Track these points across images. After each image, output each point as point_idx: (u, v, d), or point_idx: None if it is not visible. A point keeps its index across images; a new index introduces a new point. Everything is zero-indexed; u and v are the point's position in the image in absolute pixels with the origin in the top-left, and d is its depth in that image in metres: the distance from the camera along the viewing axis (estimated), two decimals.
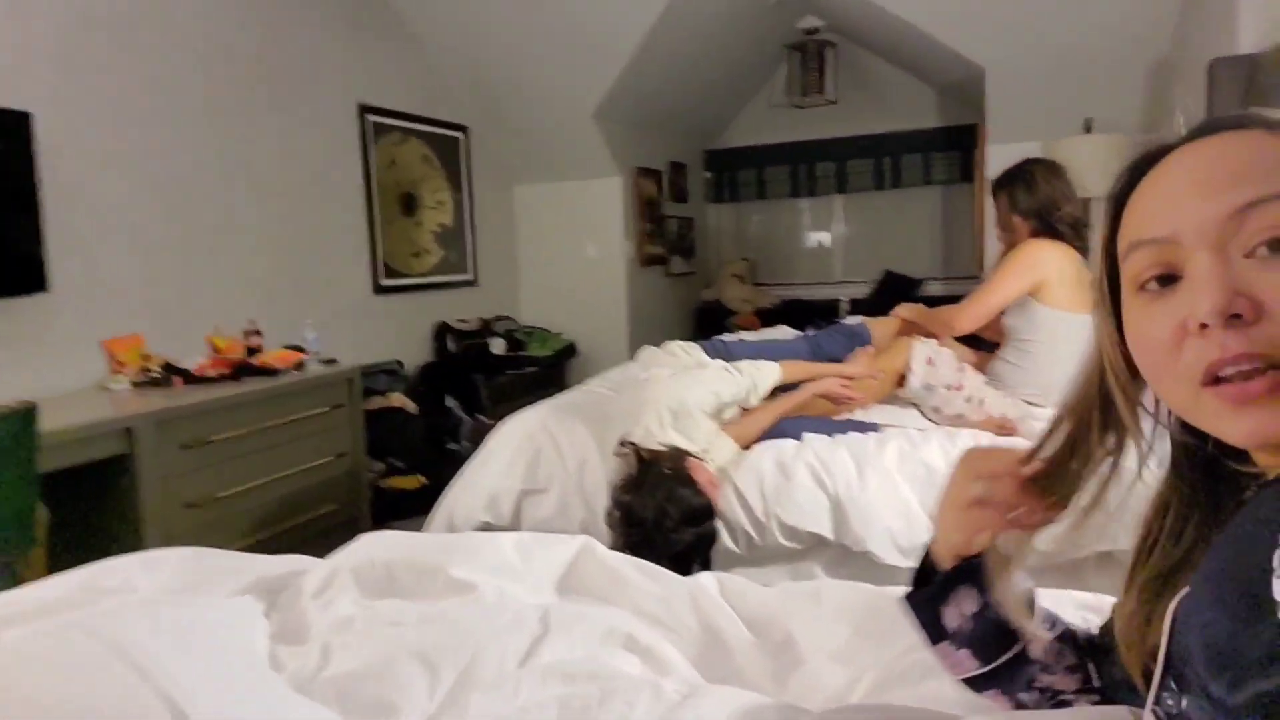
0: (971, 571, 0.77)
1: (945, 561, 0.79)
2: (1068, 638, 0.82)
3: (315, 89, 4.02)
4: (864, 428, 2.39)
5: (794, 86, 5.79)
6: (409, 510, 3.55)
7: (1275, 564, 0.52)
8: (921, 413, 2.59)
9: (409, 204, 4.66)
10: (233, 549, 2.75)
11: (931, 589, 0.79)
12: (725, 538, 2.21)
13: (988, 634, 0.77)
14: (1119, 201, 0.66)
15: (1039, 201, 2.52)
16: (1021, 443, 2.21)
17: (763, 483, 2.22)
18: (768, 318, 5.80)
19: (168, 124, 3.33)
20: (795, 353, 2.82)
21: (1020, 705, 0.79)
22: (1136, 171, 0.65)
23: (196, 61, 3.44)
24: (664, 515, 1.99)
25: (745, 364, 2.44)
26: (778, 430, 2.37)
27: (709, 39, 5.07)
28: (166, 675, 0.75)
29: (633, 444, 2.18)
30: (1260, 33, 3.00)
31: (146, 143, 3.25)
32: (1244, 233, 0.56)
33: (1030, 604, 0.79)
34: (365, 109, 4.30)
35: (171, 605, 1.01)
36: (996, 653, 0.77)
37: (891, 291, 5.87)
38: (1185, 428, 0.66)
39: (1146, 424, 0.70)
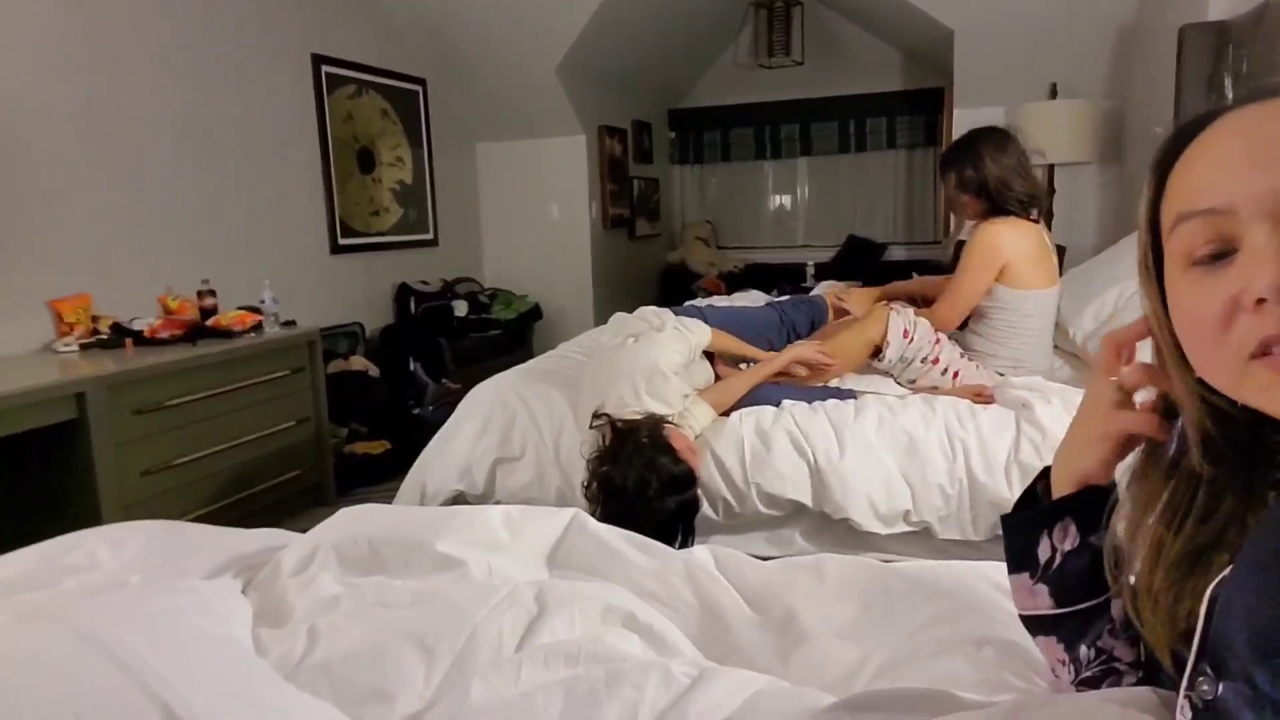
0: (1083, 505, 0.74)
1: (1063, 485, 0.75)
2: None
3: (266, 38, 3.84)
4: (842, 395, 2.38)
5: (760, 46, 5.71)
6: (375, 476, 3.48)
7: None
8: (896, 381, 2.60)
9: (367, 160, 4.51)
10: (193, 517, 2.70)
11: (1035, 512, 0.76)
12: (705, 505, 2.20)
13: (1075, 576, 0.74)
14: (1163, 170, 0.63)
15: (986, 181, 2.50)
16: (998, 409, 2.18)
17: (743, 450, 2.20)
18: (732, 282, 5.78)
19: (113, 77, 3.16)
20: (766, 320, 2.79)
21: (1074, 659, 0.77)
22: (1182, 138, 0.62)
23: (142, 13, 3.26)
24: (644, 484, 1.96)
25: (685, 319, 2.40)
26: (757, 396, 2.35)
27: None
28: (152, 671, 0.70)
29: (607, 415, 2.14)
30: (1230, 0, 3.01)
31: (91, 96, 3.08)
32: None
33: None
34: (319, 59, 4.13)
35: (149, 591, 0.96)
36: (1076, 598, 0.74)
37: (855, 256, 5.88)
38: (1219, 404, 0.64)
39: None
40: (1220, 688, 0.61)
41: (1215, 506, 0.66)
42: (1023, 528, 0.77)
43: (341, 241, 4.33)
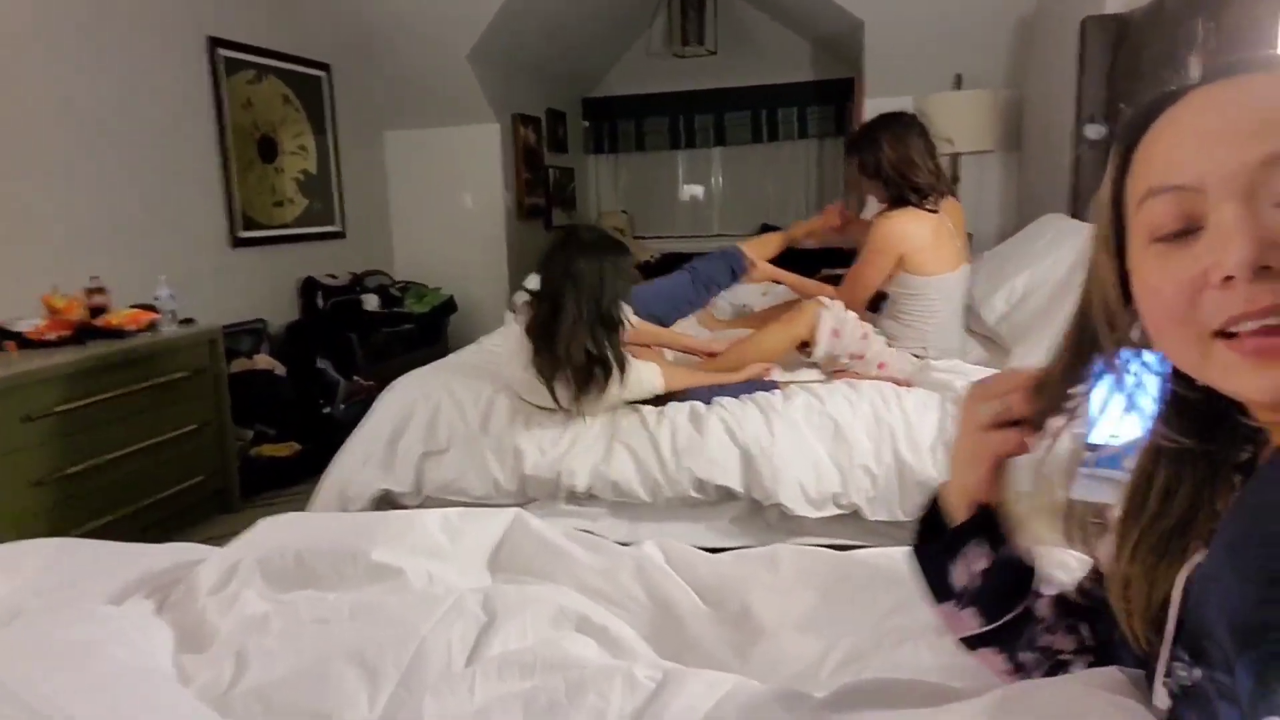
0: (984, 525, 0.74)
1: (958, 510, 0.76)
2: (1060, 596, 0.80)
3: (158, 19, 3.60)
4: (767, 387, 2.39)
5: (673, 35, 5.70)
6: (284, 480, 3.32)
7: None
8: (821, 370, 2.62)
9: (268, 149, 4.30)
10: (89, 529, 2.52)
11: (942, 544, 0.76)
12: (636, 486, 2.19)
13: (995, 591, 0.75)
14: (1128, 145, 0.62)
15: (882, 166, 2.58)
16: (922, 391, 2.20)
17: (675, 435, 2.21)
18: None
19: None
20: (679, 287, 2.78)
21: (1018, 665, 0.77)
22: (1149, 114, 0.61)
23: None
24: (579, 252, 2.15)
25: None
26: (690, 395, 2.37)
27: None
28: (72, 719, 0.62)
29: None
30: None
31: None
32: (1274, 182, 0.52)
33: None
34: (215, 42, 3.91)
35: (55, 623, 0.86)
36: (1001, 611, 0.75)
37: None
38: (1179, 384, 0.63)
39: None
40: (1196, 673, 0.61)
41: (1176, 488, 0.66)
42: (932, 560, 0.78)
43: (242, 234, 4.11)
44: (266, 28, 4.23)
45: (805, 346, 2.54)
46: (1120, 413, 0.71)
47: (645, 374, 2.30)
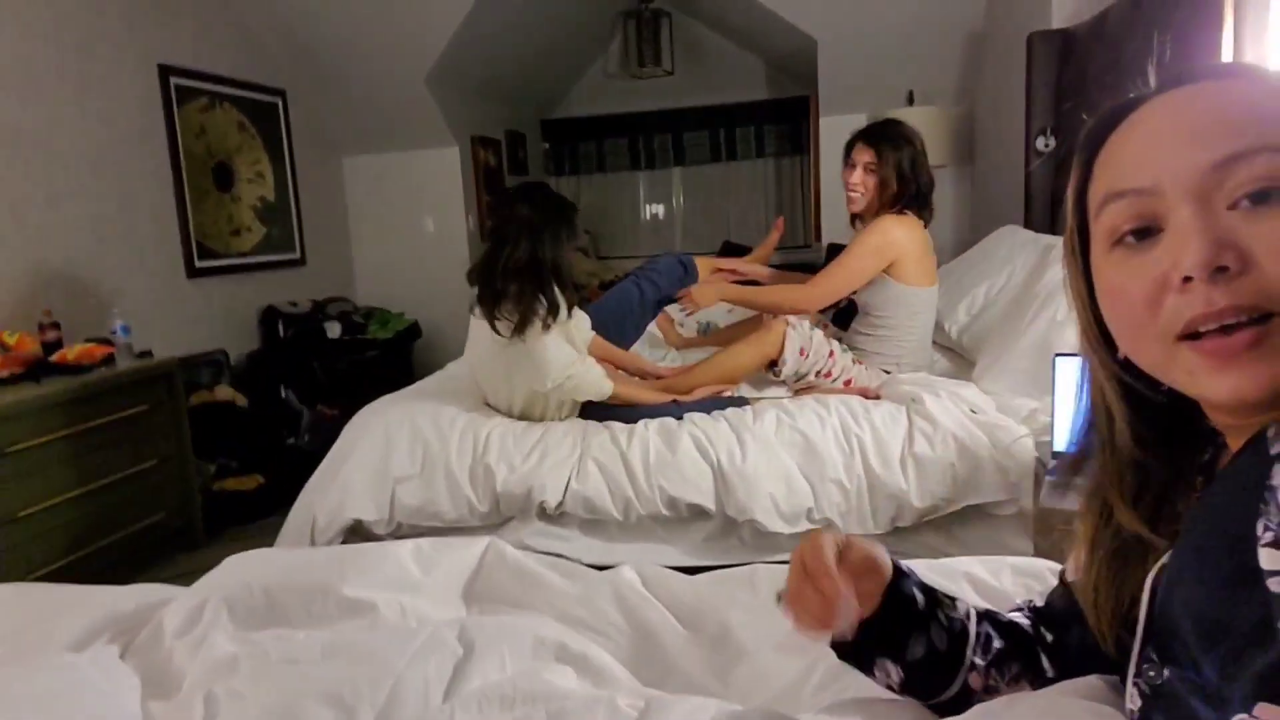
0: (880, 641, 0.77)
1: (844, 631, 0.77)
2: (1006, 628, 0.81)
3: (107, 48, 3.55)
4: (738, 403, 2.40)
5: (630, 56, 5.73)
6: (249, 514, 3.26)
7: (1260, 532, 0.51)
8: (788, 386, 2.64)
9: (224, 177, 4.24)
10: (45, 573, 2.45)
11: (853, 662, 0.80)
12: (608, 503, 2.20)
13: (923, 682, 0.77)
14: (1090, 152, 0.64)
15: (905, 166, 2.50)
16: (889, 405, 2.20)
17: (648, 452, 2.21)
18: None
19: None
20: (624, 301, 2.76)
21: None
22: (1110, 121, 0.62)
23: None
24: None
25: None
26: (658, 410, 2.39)
27: (544, 2, 4.91)
28: None
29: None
30: (1071, 8, 3.22)
31: None
32: (1228, 185, 0.54)
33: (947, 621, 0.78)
34: (166, 70, 3.85)
35: (17, 674, 0.83)
36: (937, 691, 0.78)
37: None
38: (1138, 388, 0.65)
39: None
40: (1166, 673, 0.62)
41: (1142, 494, 0.67)
42: (854, 666, 0.81)
43: (199, 264, 4.04)
44: (219, 55, 4.19)
45: (773, 365, 2.55)
46: (1084, 420, 0.73)
47: (596, 372, 2.34)
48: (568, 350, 2.33)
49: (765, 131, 6.21)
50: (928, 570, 1.07)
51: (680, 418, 2.32)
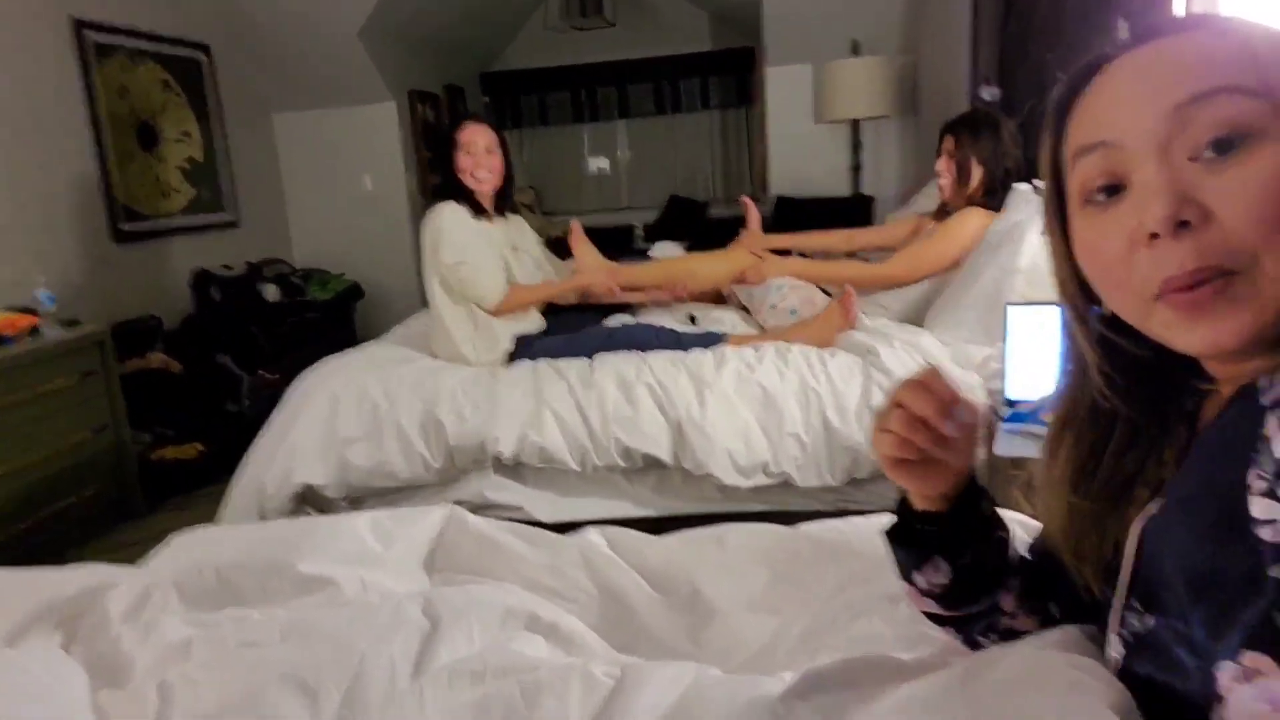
0: (945, 537, 0.74)
1: (917, 500, 0.74)
2: (1028, 581, 0.80)
3: (14, 1, 3.32)
4: (710, 340, 2.39)
5: (571, 7, 5.59)
6: (190, 483, 3.16)
7: (1251, 481, 0.52)
8: (748, 311, 2.67)
9: (148, 137, 4.04)
10: None
11: (906, 556, 0.76)
12: (564, 453, 2.19)
13: (955, 597, 0.75)
14: (1062, 112, 0.63)
15: (995, 161, 2.42)
16: (846, 356, 2.17)
17: (604, 403, 2.19)
18: (559, 248, 5.67)
19: None
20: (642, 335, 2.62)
21: (975, 645, 0.78)
22: (1081, 78, 0.62)
23: None
24: None
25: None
26: (622, 337, 2.40)
27: None
28: None
29: None
30: None
31: None
32: (1188, 132, 0.54)
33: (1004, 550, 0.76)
34: (80, 24, 3.63)
35: None
36: (963, 605, 0.76)
37: (679, 217, 5.93)
38: (1127, 337, 0.64)
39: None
40: (1153, 622, 0.62)
41: (1130, 443, 0.67)
42: (899, 556, 0.77)
43: (125, 227, 3.86)
44: (136, 8, 3.96)
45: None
46: (1037, 368, 0.73)
47: (485, 280, 2.42)
48: (470, 237, 2.40)
49: (710, 83, 6.14)
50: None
51: (647, 348, 2.33)
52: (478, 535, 1.18)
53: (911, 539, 0.75)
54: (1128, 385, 0.65)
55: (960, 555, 0.73)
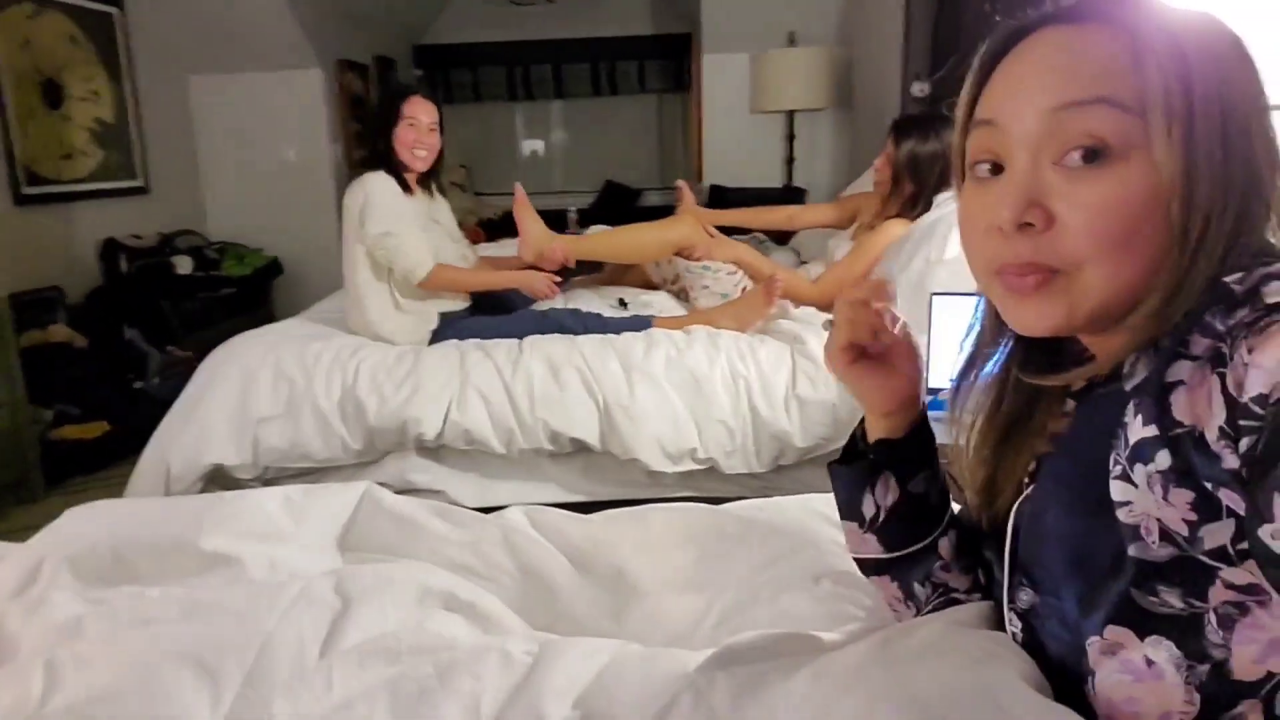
0: (898, 455, 0.75)
1: (872, 429, 0.76)
2: (962, 536, 0.81)
3: None
4: (639, 324, 2.38)
5: None
6: (93, 463, 3.01)
7: (1111, 465, 0.55)
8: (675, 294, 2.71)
9: (53, 94, 3.82)
10: None
11: (856, 472, 0.76)
12: (489, 435, 2.15)
13: (899, 526, 0.75)
14: (983, 75, 0.63)
15: (937, 159, 2.38)
16: (774, 344, 2.19)
17: (532, 385, 2.16)
18: (492, 230, 5.59)
19: None
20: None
21: (910, 595, 0.78)
22: (1003, 46, 0.62)
23: None
24: None
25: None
26: (551, 323, 2.37)
27: None
28: None
29: None
30: None
31: None
32: (1057, 137, 0.56)
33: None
34: None
35: None
36: (903, 545, 0.76)
37: (614, 202, 5.90)
38: None
39: None
40: (1036, 598, 0.65)
41: (1029, 410, 0.69)
42: (846, 482, 0.78)
43: (27, 190, 3.64)
44: None
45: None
46: (957, 355, 0.75)
47: (412, 252, 2.34)
48: (399, 209, 2.35)
49: (648, 66, 6.11)
50: (830, 507, 1.07)
51: (578, 331, 2.31)
52: (395, 513, 1.14)
53: (863, 460, 0.76)
54: (1028, 356, 0.68)
55: (911, 478, 0.74)
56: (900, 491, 0.74)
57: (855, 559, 0.81)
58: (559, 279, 2.54)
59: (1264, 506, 0.45)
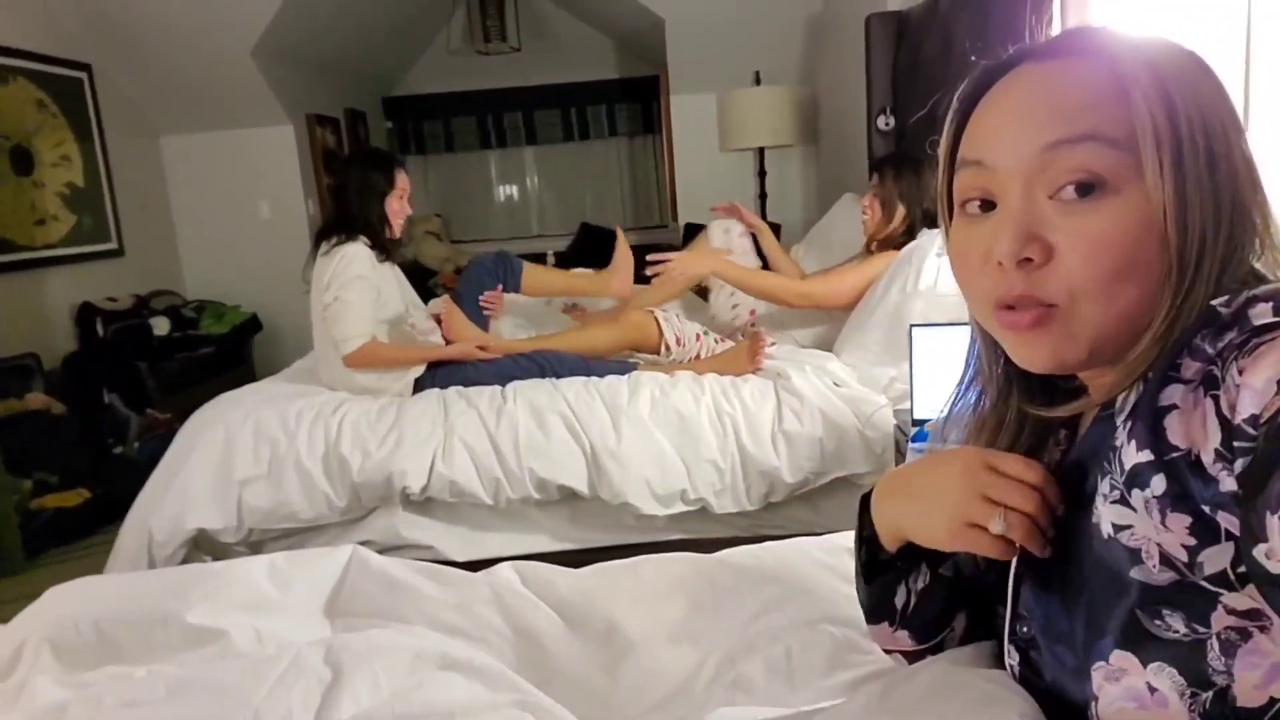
0: (928, 550, 0.72)
1: (890, 542, 0.73)
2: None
3: None
4: (623, 369, 2.38)
5: (474, 32, 5.56)
6: (74, 532, 2.95)
7: (1106, 490, 0.56)
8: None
9: (22, 160, 3.81)
10: None
11: (891, 569, 0.73)
12: (476, 486, 2.13)
13: (931, 614, 0.74)
14: (964, 114, 0.64)
15: (922, 195, 2.42)
16: (758, 381, 2.15)
17: (517, 433, 2.14)
18: None
19: None
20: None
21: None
22: (983, 83, 0.63)
23: None
24: None
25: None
26: (534, 364, 2.37)
27: None
28: None
29: None
30: None
31: None
32: (1049, 172, 0.57)
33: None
34: None
35: None
36: (934, 634, 0.75)
37: (591, 244, 5.92)
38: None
39: None
40: (1039, 626, 0.65)
41: (1029, 441, 0.69)
42: (877, 589, 0.75)
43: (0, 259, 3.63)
44: (8, 23, 3.74)
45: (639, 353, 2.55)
46: (943, 388, 0.75)
47: (350, 324, 2.31)
48: (370, 278, 2.37)
49: (617, 110, 6.18)
50: (822, 550, 1.07)
51: (560, 374, 2.31)
52: (383, 576, 1.13)
53: (890, 569, 0.74)
54: (1028, 387, 0.68)
55: (942, 561, 0.73)
56: (930, 575, 0.73)
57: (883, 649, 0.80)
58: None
59: (1258, 527, 0.45)
